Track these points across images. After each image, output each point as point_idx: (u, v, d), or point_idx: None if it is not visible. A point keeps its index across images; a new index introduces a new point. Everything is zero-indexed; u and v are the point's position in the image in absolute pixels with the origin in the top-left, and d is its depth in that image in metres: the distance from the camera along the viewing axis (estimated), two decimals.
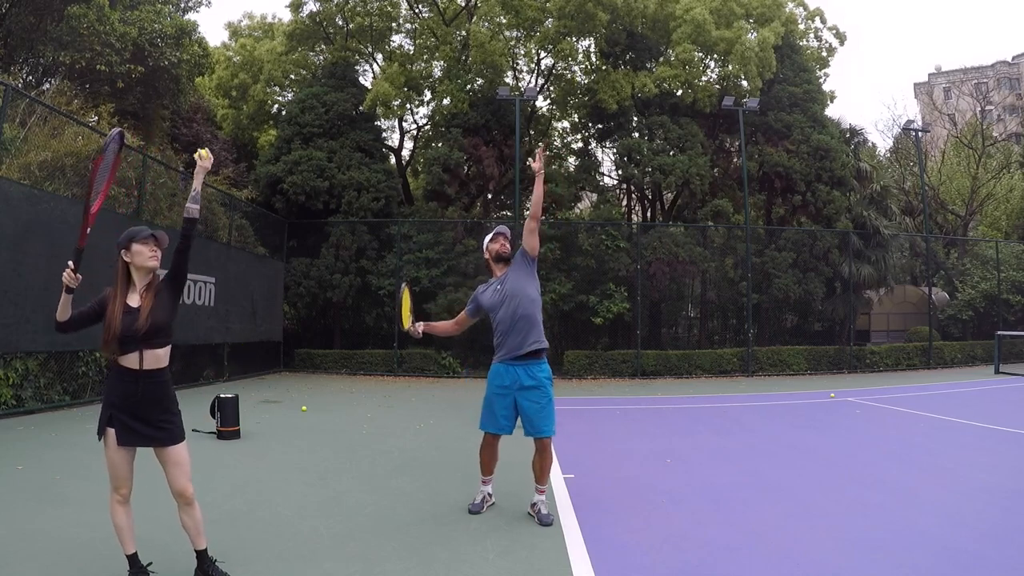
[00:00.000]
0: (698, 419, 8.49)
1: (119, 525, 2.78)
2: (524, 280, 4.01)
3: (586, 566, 3.16)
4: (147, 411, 2.76)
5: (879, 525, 3.80)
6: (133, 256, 2.79)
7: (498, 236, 4.14)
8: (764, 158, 16.86)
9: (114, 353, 2.73)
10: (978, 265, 20.21)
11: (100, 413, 2.79)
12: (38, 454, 5.49)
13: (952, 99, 45.62)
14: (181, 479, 2.81)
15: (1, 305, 6.95)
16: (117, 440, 2.73)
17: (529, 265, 4.05)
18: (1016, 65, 52.28)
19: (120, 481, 2.75)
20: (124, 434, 2.74)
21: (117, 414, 2.73)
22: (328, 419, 8.20)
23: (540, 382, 3.91)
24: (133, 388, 2.74)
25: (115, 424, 2.73)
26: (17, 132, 8.97)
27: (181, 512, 2.84)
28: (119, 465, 2.75)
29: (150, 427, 2.77)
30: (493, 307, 4.02)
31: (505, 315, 3.95)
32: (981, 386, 12.50)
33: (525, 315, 3.93)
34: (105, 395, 2.81)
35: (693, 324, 20.06)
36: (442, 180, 16.35)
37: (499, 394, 3.94)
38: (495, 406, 3.96)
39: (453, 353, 15.59)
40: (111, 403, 2.75)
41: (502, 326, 3.97)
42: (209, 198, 12.65)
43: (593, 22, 16.09)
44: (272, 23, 22.69)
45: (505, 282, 4.03)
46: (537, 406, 3.88)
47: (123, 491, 2.77)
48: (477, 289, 4.27)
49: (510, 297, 3.96)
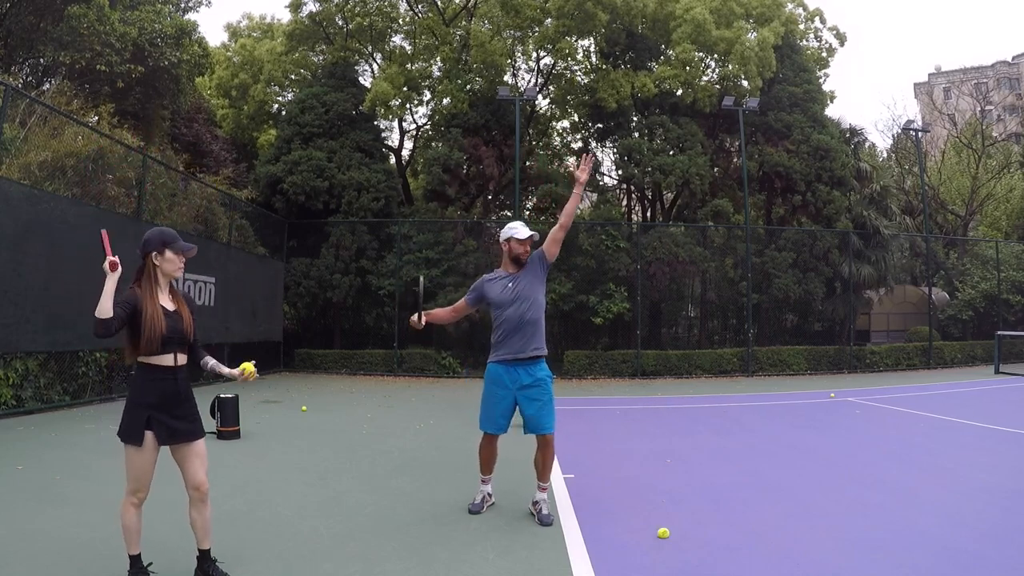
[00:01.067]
0: (698, 419, 8.49)
1: (130, 527, 2.77)
2: (536, 284, 3.97)
3: (586, 566, 3.16)
4: (183, 407, 2.83)
5: (879, 525, 3.80)
6: (164, 262, 2.81)
7: (528, 240, 4.00)
8: (764, 158, 16.86)
9: (153, 353, 2.75)
10: (978, 265, 20.21)
11: (129, 418, 2.73)
12: (38, 454, 5.49)
13: (952, 99, 45.64)
14: (201, 471, 2.84)
15: (1, 305, 6.94)
16: (158, 440, 2.74)
17: (543, 270, 4.02)
18: (1016, 65, 52.29)
19: (143, 484, 2.76)
20: (165, 434, 2.76)
21: (156, 415, 2.74)
22: (328, 419, 8.20)
23: (540, 380, 3.90)
24: (173, 386, 2.79)
25: (153, 426, 2.73)
26: (17, 132, 8.97)
27: (193, 508, 2.84)
28: (148, 469, 2.76)
29: (186, 422, 2.83)
30: (501, 304, 3.94)
31: (513, 315, 3.90)
32: (981, 386, 12.50)
33: (533, 320, 3.91)
34: (136, 398, 2.78)
35: (693, 324, 20.05)
36: (442, 180, 16.35)
37: (499, 394, 3.92)
38: (494, 406, 3.95)
39: (453, 353, 15.59)
40: (147, 404, 2.74)
41: (507, 325, 3.92)
42: (209, 198, 12.66)
43: (593, 22, 16.09)
44: (272, 23, 22.71)
45: (518, 281, 3.96)
46: (538, 403, 3.87)
47: (142, 494, 2.78)
48: (481, 278, 4.14)
49: (521, 299, 3.91)
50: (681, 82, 17.13)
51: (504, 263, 4.09)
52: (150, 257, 2.79)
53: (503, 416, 3.94)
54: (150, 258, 2.79)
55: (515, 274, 3.99)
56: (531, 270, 4.00)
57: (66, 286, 7.72)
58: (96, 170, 9.45)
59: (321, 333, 17.44)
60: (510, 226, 4.05)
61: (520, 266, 4.01)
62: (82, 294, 7.94)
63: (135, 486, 2.74)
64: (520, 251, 3.99)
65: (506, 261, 4.06)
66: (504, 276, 4.03)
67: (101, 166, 9.52)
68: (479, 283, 4.11)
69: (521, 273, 3.99)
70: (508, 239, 4.02)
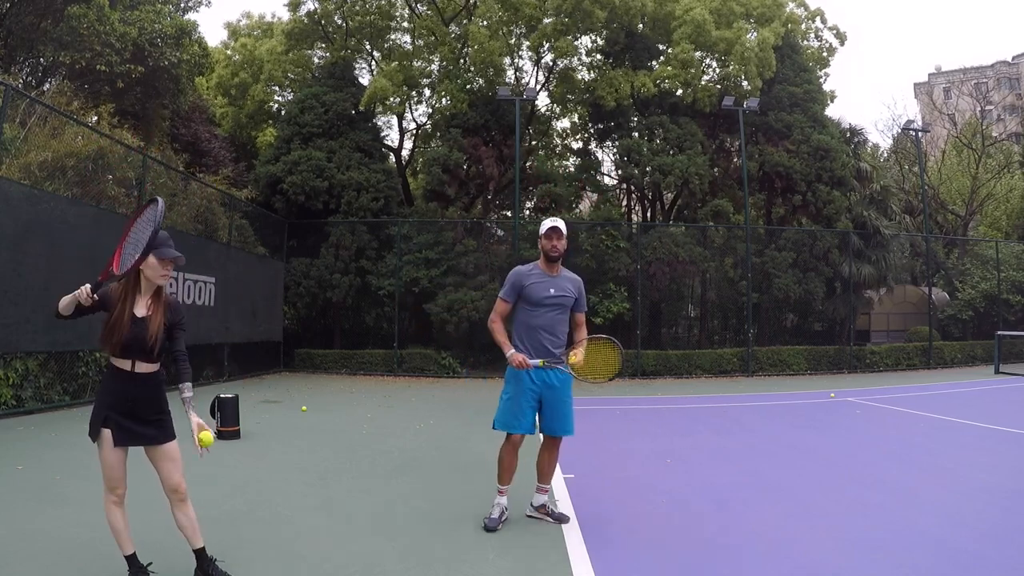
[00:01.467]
0: (698, 419, 8.49)
1: (116, 527, 2.77)
2: (569, 296, 3.88)
3: (586, 566, 3.16)
4: (142, 410, 2.76)
5: (879, 525, 3.80)
6: (146, 267, 2.74)
7: (552, 233, 3.79)
8: (764, 158, 16.86)
9: (114, 355, 2.74)
10: (978, 265, 20.20)
11: (93, 414, 2.75)
12: (38, 454, 5.49)
13: (952, 99, 45.65)
14: (175, 475, 2.80)
15: (1, 305, 6.94)
16: (113, 441, 2.71)
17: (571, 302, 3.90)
18: (1016, 65, 52.30)
19: (115, 482, 2.74)
20: (120, 434, 2.72)
21: (112, 415, 2.71)
22: (328, 419, 8.20)
23: (564, 381, 3.83)
24: (132, 391, 2.74)
25: (110, 425, 2.71)
26: (17, 132, 8.97)
27: (175, 510, 2.83)
28: (114, 466, 2.73)
29: (144, 426, 2.76)
30: (539, 302, 3.79)
31: (548, 318, 3.80)
32: (981, 386, 12.50)
33: (563, 330, 3.87)
34: (100, 395, 2.80)
35: (693, 324, 20.06)
36: (442, 180, 16.34)
37: (528, 391, 3.76)
38: (523, 405, 3.75)
39: (453, 353, 15.59)
40: (106, 404, 2.73)
41: (540, 320, 3.78)
42: (209, 198, 12.66)
43: (591, 20, 16.08)
44: (271, 23, 22.69)
45: (558, 283, 3.84)
46: (565, 405, 3.83)
47: (119, 491, 2.76)
48: (517, 271, 3.90)
49: (560, 307, 3.83)
50: (681, 82, 17.13)
51: (541, 261, 3.92)
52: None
53: (529, 415, 3.79)
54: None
55: (554, 276, 3.85)
56: (568, 285, 3.87)
57: (66, 286, 7.54)
58: (96, 170, 9.46)
59: (321, 333, 17.44)
60: (543, 223, 3.92)
61: (555, 265, 3.86)
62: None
63: (109, 484, 2.74)
64: (546, 245, 3.82)
65: (543, 259, 3.90)
66: (541, 273, 3.85)
67: (101, 166, 9.52)
68: (515, 277, 3.87)
69: (560, 277, 3.87)
70: (540, 235, 3.90)
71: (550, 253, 3.82)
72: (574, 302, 3.90)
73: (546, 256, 3.85)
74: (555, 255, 3.81)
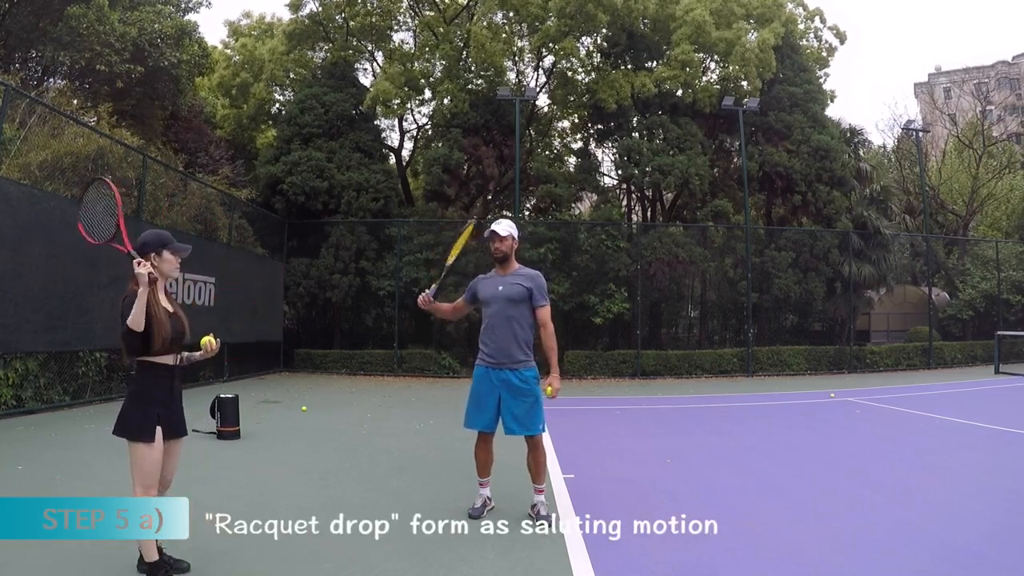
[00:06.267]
0: (698, 419, 8.49)
1: None
2: (524, 294, 3.90)
3: (586, 566, 3.16)
4: (179, 403, 2.94)
5: (879, 525, 3.80)
6: (162, 263, 2.87)
7: (491, 236, 3.96)
8: (764, 158, 16.86)
9: (160, 353, 2.81)
10: (978, 265, 20.18)
11: (140, 415, 2.77)
12: (38, 454, 5.49)
13: (952, 99, 45.60)
14: (175, 469, 2.96)
15: (1, 305, 6.93)
16: (164, 435, 2.80)
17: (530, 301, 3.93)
18: (1016, 65, 52.27)
19: (155, 480, 2.80)
20: (168, 430, 2.84)
21: (163, 411, 2.82)
22: (328, 419, 8.20)
23: (527, 380, 3.90)
24: (173, 382, 2.90)
25: (162, 421, 2.81)
26: (17, 132, 8.96)
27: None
28: (160, 463, 2.81)
29: (180, 416, 2.94)
30: (488, 300, 3.97)
31: (498, 314, 3.91)
32: (981, 386, 12.49)
33: (521, 328, 3.90)
34: (144, 396, 2.81)
35: (693, 324, 20.06)
36: (442, 180, 16.34)
37: (485, 391, 3.93)
38: (482, 403, 3.94)
39: (453, 353, 15.58)
40: (157, 401, 2.80)
41: (491, 318, 3.94)
42: (209, 198, 12.65)
43: (593, 22, 16.09)
44: (272, 22, 22.68)
45: (506, 282, 3.95)
46: (525, 404, 3.87)
47: (154, 491, 2.82)
48: (477, 277, 4.17)
49: (508, 301, 3.90)
50: (681, 83, 17.13)
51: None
52: (149, 258, 2.80)
53: (488, 412, 3.92)
54: (149, 259, 2.80)
55: (505, 275, 3.99)
56: (522, 282, 3.92)
57: (66, 286, 7.71)
58: (96, 170, 9.45)
59: (321, 333, 17.44)
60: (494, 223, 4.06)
61: (502, 265, 4.00)
62: (82, 294, 7.94)
63: (149, 482, 2.75)
64: (491, 248, 4.00)
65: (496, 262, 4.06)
66: (495, 276, 4.04)
67: (101, 166, 9.52)
68: (474, 281, 4.13)
69: (512, 275, 3.97)
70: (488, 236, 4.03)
71: (494, 255, 4.01)
72: (530, 295, 3.94)
73: (495, 256, 4.01)
74: (499, 256, 3.99)
